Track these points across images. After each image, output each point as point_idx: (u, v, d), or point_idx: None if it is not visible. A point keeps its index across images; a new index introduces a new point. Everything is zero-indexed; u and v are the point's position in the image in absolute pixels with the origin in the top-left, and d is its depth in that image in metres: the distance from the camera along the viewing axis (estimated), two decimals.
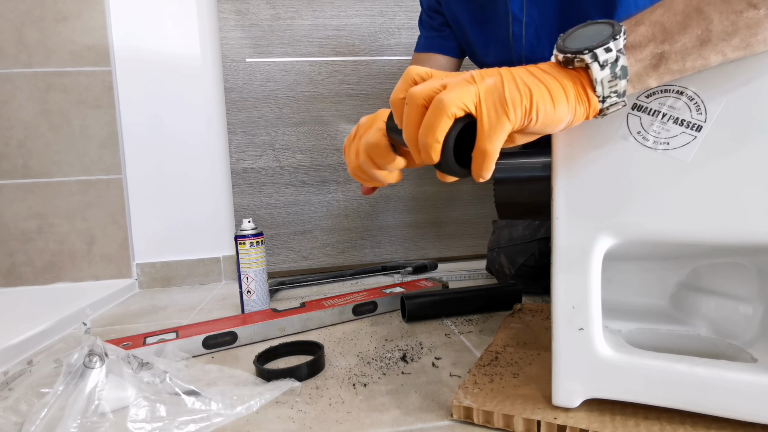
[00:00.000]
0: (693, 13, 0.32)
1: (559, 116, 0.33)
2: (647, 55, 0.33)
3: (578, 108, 0.33)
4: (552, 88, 0.32)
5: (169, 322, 0.83)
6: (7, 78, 1.05)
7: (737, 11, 0.32)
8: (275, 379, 0.53)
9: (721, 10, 0.32)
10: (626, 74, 0.32)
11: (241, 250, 0.81)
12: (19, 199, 1.07)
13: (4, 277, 1.08)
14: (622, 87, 0.33)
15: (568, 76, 0.33)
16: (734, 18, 0.32)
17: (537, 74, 0.33)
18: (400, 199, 1.19)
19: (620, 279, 0.52)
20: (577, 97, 0.33)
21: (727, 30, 0.32)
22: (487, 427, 0.42)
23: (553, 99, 0.32)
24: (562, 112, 0.33)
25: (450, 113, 0.32)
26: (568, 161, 0.39)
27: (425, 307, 0.75)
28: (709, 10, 0.32)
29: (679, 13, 0.32)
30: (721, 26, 0.32)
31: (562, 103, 0.32)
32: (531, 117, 0.32)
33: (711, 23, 0.32)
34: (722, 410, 0.37)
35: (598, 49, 0.31)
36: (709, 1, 0.32)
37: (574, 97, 0.33)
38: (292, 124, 1.14)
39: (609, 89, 0.33)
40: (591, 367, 0.39)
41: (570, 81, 0.33)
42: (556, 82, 0.32)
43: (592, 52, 0.31)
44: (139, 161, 1.12)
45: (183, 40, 1.11)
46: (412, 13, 1.15)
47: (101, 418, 0.44)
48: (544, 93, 0.32)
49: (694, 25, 0.32)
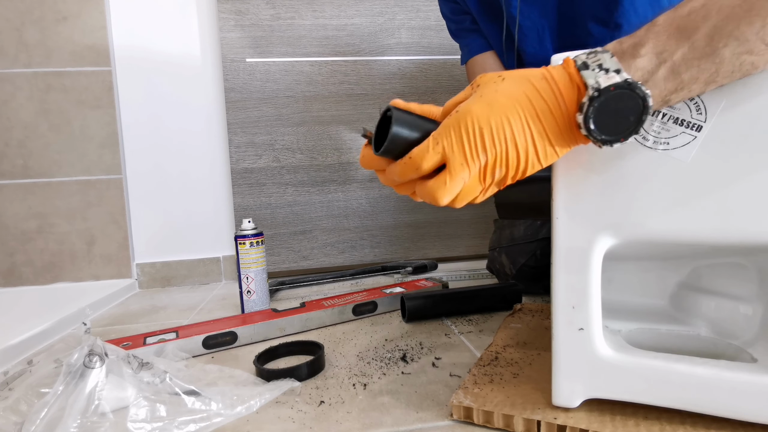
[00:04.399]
0: (711, 55, 0.31)
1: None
2: (655, 104, 0.33)
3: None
4: (549, 161, 0.34)
5: (169, 322, 0.83)
6: (7, 78, 1.05)
7: (749, 51, 0.31)
8: (275, 379, 0.53)
9: (736, 51, 0.31)
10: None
11: (241, 250, 0.81)
12: (19, 199, 1.07)
13: (4, 277, 1.08)
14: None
15: (574, 141, 0.34)
16: (745, 57, 0.31)
17: (542, 150, 0.33)
18: (400, 199, 1.19)
19: (620, 279, 0.52)
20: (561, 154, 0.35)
21: (734, 69, 0.31)
22: (487, 427, 0.42)
23: (528, 168, 0.34)
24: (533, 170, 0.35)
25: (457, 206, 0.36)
26: (568, 161, 0.39)
27: (425, 307, 0.75)
28: (724, 52, 0.31)
29: (698, 57, 0.31)
30: (729, 67, 0.31)
31: (533, 168, 0.34)
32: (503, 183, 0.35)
33: (722, 65, 0.31)
34: (722, 410, 0.37)
35: (617, 143, 0.33)
36: (726, 42, 0.31)
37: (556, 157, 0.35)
38: (292, 124, 1.14)
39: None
40: (591, 367, 0.39)
41: (573, 146, 0.34)
42: (555, 157, 0.34)
43: (611, 144, 0.33)
44: (139, 161, 1.12)
45: (183, 40, 1.11)
46: (412, 13, 1.15)
47: (101, 418, 0.44)
48: (537, 168, 0.34)
49: (707, 69, 0.31)
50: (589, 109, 0.31)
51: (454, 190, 0.34)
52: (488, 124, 0.32)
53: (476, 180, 0.34)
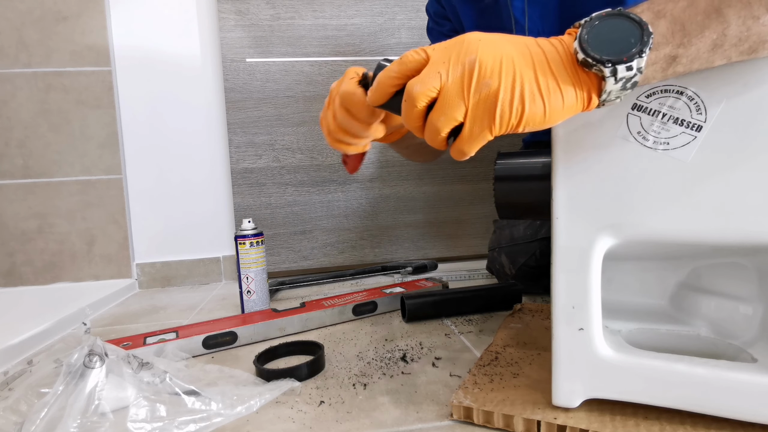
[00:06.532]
0: (713, 13, 0.31)
1: (548, 125, 0.32)
2: (661, 58, 0.32)
3: (575, 109, 0.32)
4: (552, 100, 0.31)
5: (169, 322, 0.83)
6: (7, 78, 1.05)
7: (755, 16, 0.31)
8: (275, 379, 0.53)
9: (740, 13, 0.31)
10: (635, 85, 0.31)
11: (241, 250, 0.81)
12: (19, 199, 1.07)
13: (4, 277, 1.08)
14: (626, 93, 0.32)
15: (577, 81, 0.31)
16: (750, 23, 0.31)
17: (543, 79, 0.31)
18: (400, 199, 1.19)
19: (620, 279, 0.52)
20: (577, 102, 0.32)
21: (741, 35, 0.31)
22: (487, 427, 0.42)
23: (547, 114, 0.31)
24: (553, 121, 0.32)
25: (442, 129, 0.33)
26: (568, 161, 0.39)
27: (425, 307, 0.75)
28: (728, 12, 0.31)
29: (701, 12, 0.31)
30: (736, 31, 0.31)
31: (555, 116, 0.32)
32: (517, 130, 0.32)
33: (728, 27, 0.31)
34: (722, 410, 0.37)
35: (621, 65, 0.30)
36: (729, 2, 0.31)
37: (572, 103, 0.31)
38: (292, 124, 1.14)
39: (614, 96, 0.32)
40: (591, 367, 0.39)
41: (577, 87, 0.31)
42: (558, 93, 0.31)
43: (614, 67, 0.30)
44: (139, 161, 1.12)
45: (183, 40, 1.11)
46: (412, 13, 1.15)
47: (101, 418, 0.44)
48: (539, 109, 0.31)
49: (712, 28, 0.31)
50: (582, 31, 0.31)
51: (426, 80, 0.32)
52: (486, 38, 0.32)
53: (457, 84, 0.32)
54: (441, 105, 0.32)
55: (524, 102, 0.31)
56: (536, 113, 0.31)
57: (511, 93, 0.31)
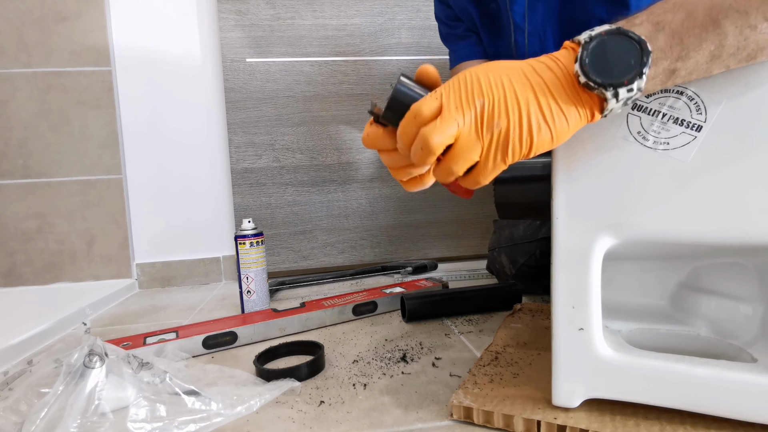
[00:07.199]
0: (710, 25, 0.31)
1: (557, 145, 0.34)
2: (660, 72, 0.32)
3: (579, 126, 0.33)
4: (557, 125, 0.32)
5: (169, 322, 0.83)
6: (7, 78, 1.05)
7: (752, 26, 0.31)
8: (275, 379, 0.53)
9: (737, 23, 0.31)
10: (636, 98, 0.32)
11: (241, 250, 0.81)
12: (19, 199, 1.07)
13: (4, 277, 1.08)
14: (627, 107, 0.33)
15: (579, 101, 0.32)
16: (748, 32, 0.31)
17: (546, 107, 0.32)
18: (400, 199, 1.19)
19: (620, 279, 0.52)
20: (581, 120, 0.33)
21: (739, 45, 0.31)
22: (487, 427, 0.42)
23: (554, 138, 0.33)
24: (562, 142, 0.34)
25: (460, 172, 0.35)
26: (568, 161, 0.39)
27: (425, 307, 0.75)
28: (725, 23, 0.31)
29: (698, 25, 0.31)
30: (734, 41, 0.31)
31: (563, 137, 0.33)
32: (528, 156, 0.34)
33: (725, 38, 0.31)
34: (722, 410, 0.37)
35: (622, 88, 0.31)
36: (726, 14, 0.31)
37: (577, 122, 0.33)
38: (292, 124, 1.14)
39: (617, 111, 0.33)
40: (591, 367, 0.39)
41: (579, 107, 0.32)
42: (562, 117, 0.32)
43: (615, 90, 0.31)
44: (139, 161, 1.12)
45: (183, 40, 1.11)
46: (412, 13, 1.15)
47: (101, 418, 0.44)
48: (546, 137, 0.32)
49: (710, 40, 0.31)
50: (583, 53, 0.32)
51: (445, 130, 0.33)
52: (486, 75, 0.33)
53: (473, 130, 0.33)
54: (459, 150, 0.34)
55: (532, 134, 0.32)
56: (544, 140, 0.33)
57: (520, 128, 0.32)
